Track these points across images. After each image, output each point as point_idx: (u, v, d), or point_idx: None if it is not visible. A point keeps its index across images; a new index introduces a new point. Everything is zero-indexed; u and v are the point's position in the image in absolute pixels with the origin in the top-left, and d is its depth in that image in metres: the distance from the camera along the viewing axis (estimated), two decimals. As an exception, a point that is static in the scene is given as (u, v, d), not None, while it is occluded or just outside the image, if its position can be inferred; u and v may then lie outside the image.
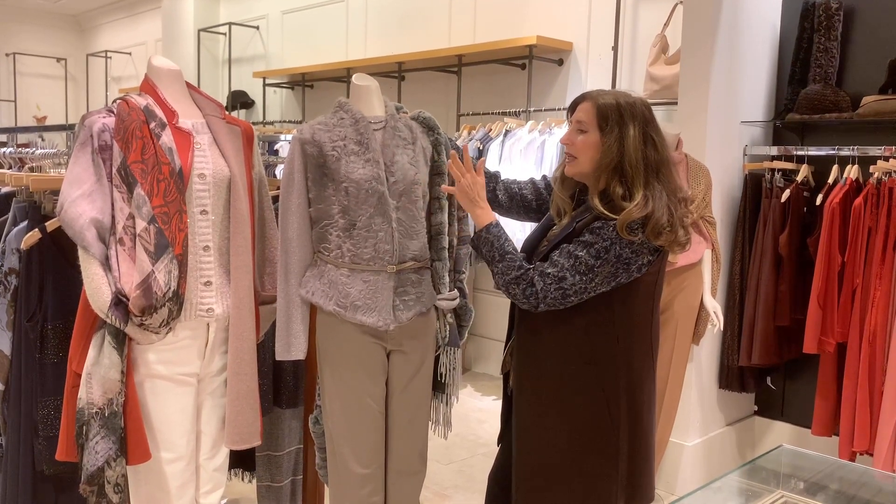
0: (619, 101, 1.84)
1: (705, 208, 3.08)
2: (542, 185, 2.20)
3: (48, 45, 10.11)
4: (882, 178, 3.05)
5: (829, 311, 3.15)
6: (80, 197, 1.82)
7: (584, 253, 1.77)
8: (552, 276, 1.79)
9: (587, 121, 1.86)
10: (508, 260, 1.84)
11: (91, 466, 1.84)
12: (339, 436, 2.05)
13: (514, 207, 2.20)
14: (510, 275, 1.83)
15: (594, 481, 1.88)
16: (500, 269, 1.85)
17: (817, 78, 3.33)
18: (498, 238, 1.87)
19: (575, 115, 1.90)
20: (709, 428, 3.48)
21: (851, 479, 2.59)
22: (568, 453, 1.89)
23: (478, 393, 4.75)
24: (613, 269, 1.78)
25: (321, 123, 2.04)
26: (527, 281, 1.81)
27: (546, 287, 1.79)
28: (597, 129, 1.84)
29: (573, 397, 1.88)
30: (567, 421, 1.88)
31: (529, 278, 1.81)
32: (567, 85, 4.73)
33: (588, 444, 1.87)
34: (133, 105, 1.89)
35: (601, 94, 1.88)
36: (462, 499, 3.24)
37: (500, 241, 1.87)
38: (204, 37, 7.43)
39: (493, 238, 1.87)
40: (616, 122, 1.82)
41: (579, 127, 1.87)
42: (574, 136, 1.88)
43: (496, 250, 1.85)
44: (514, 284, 1.82)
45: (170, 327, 1.88)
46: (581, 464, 1.89)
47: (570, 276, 1.77)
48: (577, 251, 1.78)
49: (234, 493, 3.05)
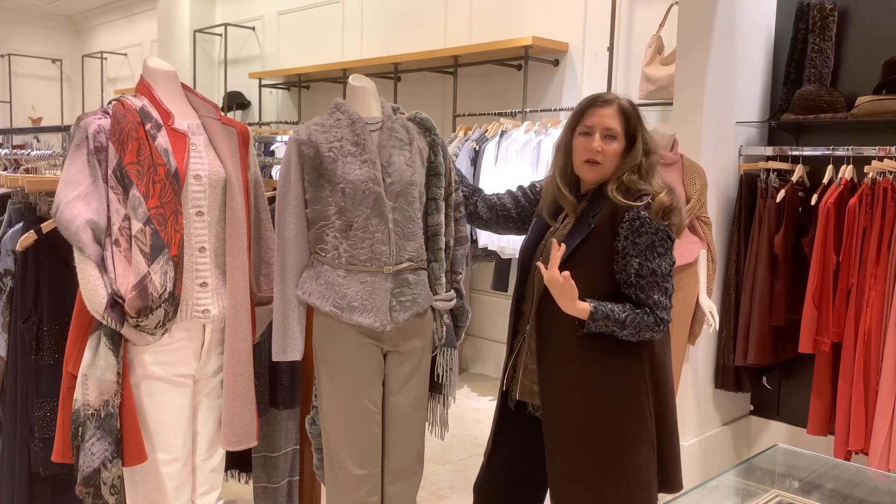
0: (630, 102, 1.93)
1: (701, 208, 3.08)
2: (520, 194, 2.21)
3: (43, 46, 10.09)
4: (877, 178, 3.06)
5: (824, 311, 3.15)
6: (75, 198, 1.81)
7: (657, 258, 1.83)
8: (662, 299, 1.84)
9: (616, 127, 1.89)
10: (630, 318, 1.83)
11: (87, 468, 1.83)
12: (335, 437, 2.05)
13: (493, 218, 2.22)
14: (641, 329, 1.84)
15: (636, 474, 1.89)
16: (631, 332, 1.85)
17: (812, 78, 3.35)
18: (606, 317, 1.83)
19: (602, 121, 1.90)
20: (704, 427, 3.49)
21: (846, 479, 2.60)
22: (609, 452, 1.89)
23: (475, 393, 4.75)
24: (672, 247, 1.86)
25: (318, 124, 2.04)
26: (648, 323, 1.84)
27: (667, 310, 1.86)
28: (624, 136, 1.90)
29: (606, 392, 1.89)
30: (601, 415, 1.89)
31: (657, 321, 1.85)
32: (563, 85, 4.74)
33: (626, 437, 1.89)
34: (129, 106, 1.89)
35: (613, 98, 1.93)
36: (459, 499, 3.25)
37: (610, 317, 1.83)
38: (200, 38, 7.42)
39: (602, 320, 1.83)
40: (636, 122, 1.91)
41: (609, 134, 1.90)
42: (605, 143, 1.89)
43: (616, 322, 1.83)
44: (649, 331, 1.85)
45: (166, 328, 1.88)
46: (621, 459, 1.89)
47: (668, 285, 1.85)
48: (654, 261, 1.82)
49: (230, 495, 3.04)
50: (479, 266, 4.79)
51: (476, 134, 4.55)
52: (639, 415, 1.89)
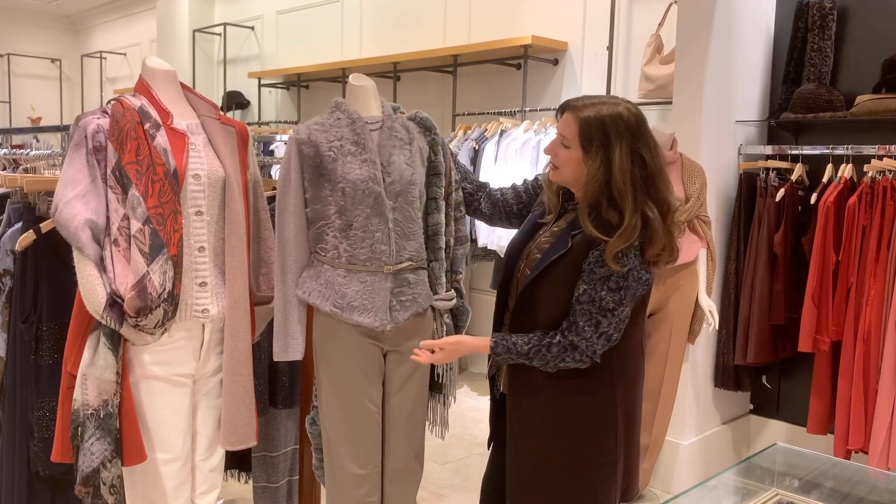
0: (602, 115, 1.74)
1: (700, 207, 3.08)
2: (522, 189, 2.17)
3: (42, 46, 10.08)
4: (876, 176, 3.06)
5: (823, 310, 3.15)
6: (74, 198, 1.81)
7: (605, 291, 1.73)
8: (588, 328, 1.74)
9: (569, 136, 1.79)
10: (535, 353, 1.78)
11: (87, 468, 1.83)
12: (335, 436, 2.05)
13: (496, 214, 2.19)
14: (549, 359, 1.77)
15: (595, 484, 1.87)
16: (540, 364, 1.79)
17: (811, 77, 3.35)
18: (508, 350, 1.81)
19: (559, 126, 1.83)
20: (704, 426, 3.49)
21: (846, 477, 2.60)
22: (567, 455, 1.87)
23: (474, 393, 4.75)
24: (634, 289, 1.76)
25: (318, 124, 2.04)
26: (568, 350, 1.76)
27: (589, 342, 1.75)
28: (580, 147, 1.77)
29: (572, 399, 1.86)
30: (567, 425, 1.86)
31: (568, 345, 1.76)
32: (562, 84, 4.74)
33: (589, 447, 1.86)
34: (127, 106, 1.89)
35: (585, 105, 1.78)
36: (459, 499, 3.24)
37: (513, 350, 1.80)
38: (199, 37, 7.42)
39: (504, 352, 1.81)
40: (601, 143, 1.73)
41: (562, 141, 1.81)
42: (557, 148, 1.82)
43: (519, 355, 1.80)
44: (561, 360, 1.77)
45: (165, 328, 1.88)
46: (581, 466, 1.87)
47: (604, 319, 1.74)
48: (599, 292, 1.73)
49: (230, 494, 3.04)
50: (478, 265, 4.79)
51: (475, 133, 4.55)
52: (605, 434, 1.85)
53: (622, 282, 1.73)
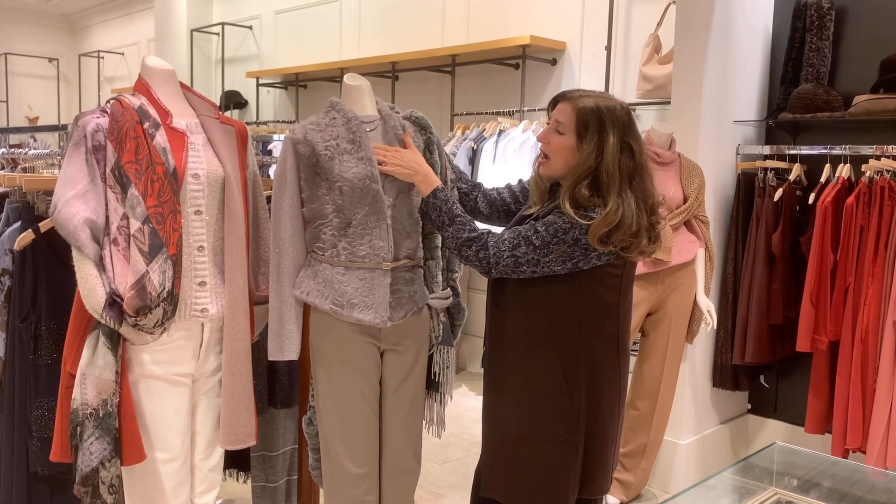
0: (599, 105, 1.81)
1: (698, 207, 3.09)
2: (518, 188, 2.20)
3: (40, 45, 10.07)
4: (874, 176, 3.07)
5: (821, 310, 3.16)
6: (73, 197, 1.81)
7: (543, 229, 1.79)
8: (507, 241, 1.81)
9: (565, 123, 1.84)
10: (459, 223, 1.85)
11: (85, 467, 1.83)
12: (333, 435, 2.05)
13: (494, 214, 2.21)
14: (462, 236, 1.84)
15: (553, 469, 1.89)
16: (452, 233, 1.85)
17: (809, 77, 3.35)
18: (446, 202, 1.87)
19: (554, 114, 1.88)
20: (702, 426, 3.49)
21: (844, 476, 2.60)
22: (527, 439, 1.90)
23: (472, 392, 4.76)
24: (570, 250, 1.78)
25: (313, 123, 2.04)
26: (480, 243, 1.83)
27: (500, 252, 1.80)
28: (574, 133, 1.82)
29: (535, 382, 1.89)
30: (527, 406, 1.89)
31: (483, 241, 1.83)
32: (560, 84, 4.74)
33: (548, 430, 1.88)
34: (127, 105, 1.89)
35: (582, 95, 1.85)
36: (457, 498, 3.25)
37: (449, 204, 1.87)
38: (197, 37, 7.41)
39: (441, 202, 1.87)
40: (596, 129, 1.80)
41: (557, 127, 1.86)
42: (551, 135, 1.87)
43: (445, 214, 1.86)
44: (467, 246, 1.83)
45: (164, 327, 1.88)
46: (539, 450, 1.89)
47: (524, 246, 1.79)
48: (538, 226, 1.80)
49: (229, 494, 3.04)
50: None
51: (474, 133, 4.56)
52: (564, 414, 1.88)
53: (562, 233, 1.78)
